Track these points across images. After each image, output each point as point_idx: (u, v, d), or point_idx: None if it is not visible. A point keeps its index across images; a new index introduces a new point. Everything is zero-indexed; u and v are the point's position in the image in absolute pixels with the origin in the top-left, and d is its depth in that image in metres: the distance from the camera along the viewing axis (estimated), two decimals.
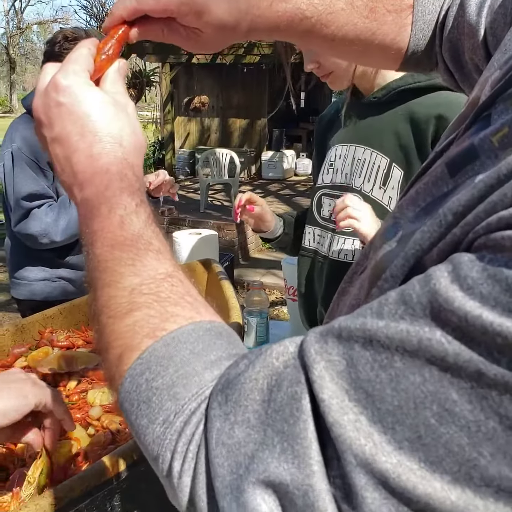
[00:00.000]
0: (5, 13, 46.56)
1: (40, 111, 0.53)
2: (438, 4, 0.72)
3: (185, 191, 9.86)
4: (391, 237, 0.45)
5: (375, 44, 0.70)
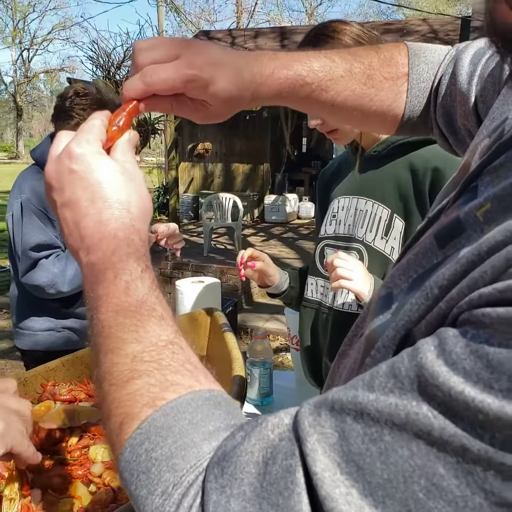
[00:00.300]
0: (13, 63, 47.76)
1: (53, 177, 0.55)
2: (432, 73, 0.75)
3: (189, 234, 9.92)
4: (383, 307, 0.46)
5: (373, 110, 0.74)
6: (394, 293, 0.46)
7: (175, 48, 0.60)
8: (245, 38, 12.36)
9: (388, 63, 0.74)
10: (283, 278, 1.63)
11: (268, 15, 35.84)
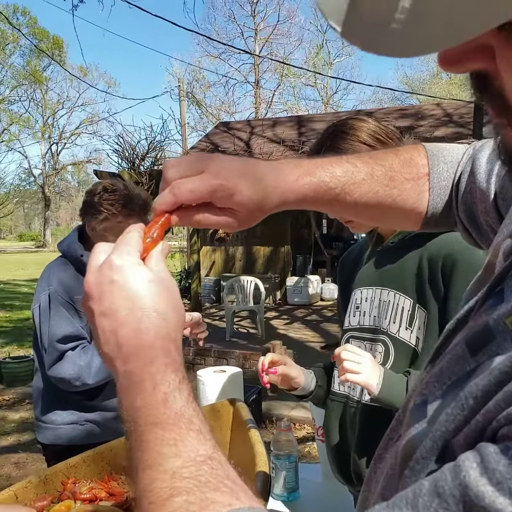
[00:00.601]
0: (42, 156, 50.06)
1: (92, 286, 0.56)
2: (452, 171, 0.78)
3: (211, 318, 9.92)
4: (419, 415, 0.46)
5: (396, 209, 0.77)
6: (429, 400, 0.46)
7: (201, 163, 0.64)
8: (263, 128, 12.85)
9: (408, 164, 0.78)
10: (308, 378, 1.60)
11: (285, 104, 37.46)
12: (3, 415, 5.77)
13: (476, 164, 0.76)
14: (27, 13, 40.82)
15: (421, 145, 0.81)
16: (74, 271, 2.11)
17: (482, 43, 0.36)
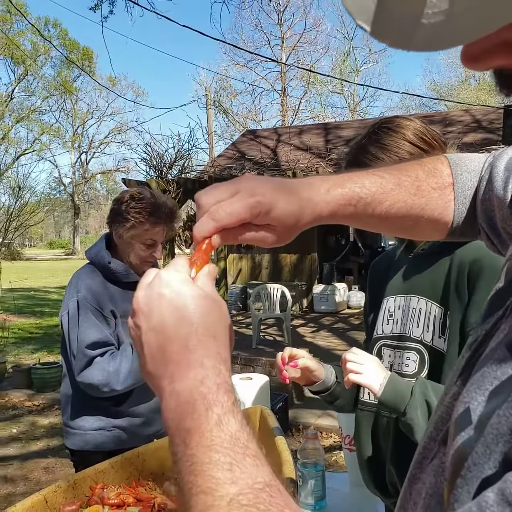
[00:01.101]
0: (72, 165, 50.91)
1: (141, 302, 0.55)
2: (475, 180, 0.79)
3: (238, 326, 9.93)
4: (466, 423, 0.44)
5: (425, 219, 0.77)
6: (471, 407, 0.45)
7: (234, 184, 0.65)
8: (289, 135, 12.87)
9: (433, 174, 0.78)
10: (328, 372, 1.57)
11: (312, 112, 37.45)
12: (33, 420, 5.85)
13: (494, 172, 0.77)
14: (58, 25, 41.69)
15: (443, 155, 0.82)
16: (102, 278, 2.12)
17: (505, 39, 0.37)
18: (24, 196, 12.94)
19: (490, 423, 0.39)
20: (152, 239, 2.09)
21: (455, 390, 0.53)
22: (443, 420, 0.54)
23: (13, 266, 19.37)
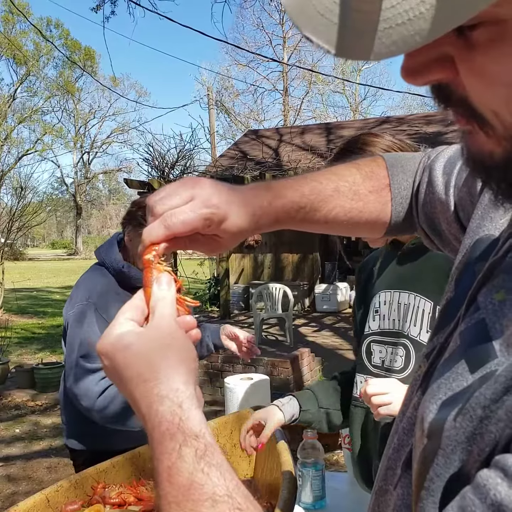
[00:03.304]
0: (74, 165, 50.96)
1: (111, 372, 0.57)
2: (411, 180, 0.83)
3: (240, 326, 9.93)
4: (421, 433, 0.46)
5: (363, 221, 0.81)
6: (424, 416, 0.46)
7: (189, 190, 0.64)
8: (291, 135, 12.88)
9: (370, 177, 0.82)
10: (287, 413, 1.54)
11: (314, 112, 37.42)
12: (36, 420, 5.87)
13: (433, 175, 0.80)
14: (60, 25, 41.75)
15: (380, 156, 0.85)
16: (115, 283, 2.08)
17: (442, 53, 0.38)
18: (27, 196, 12.94)
19: (446, 435, 0.41)
20: None
21: (416, 401, 0.54)
22: (405, 431, 0.55)
23: (16, 266, 19.41)
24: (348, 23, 0.33)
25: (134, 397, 0.53)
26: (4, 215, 11.93)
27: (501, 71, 0.36)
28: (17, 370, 7.13)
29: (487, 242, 0.57)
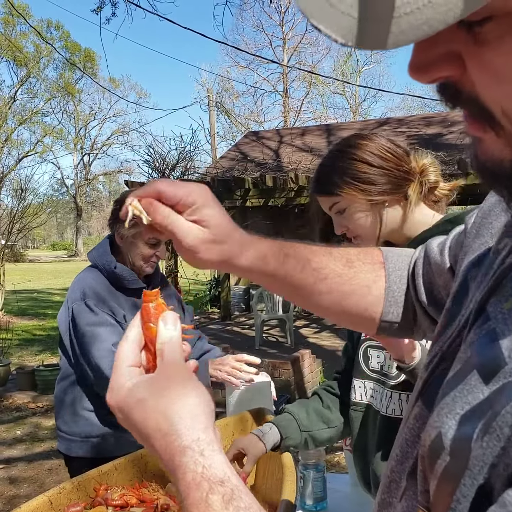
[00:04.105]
0: (75, 167, 50.99)
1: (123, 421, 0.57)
2: (406, 262, 0.83)
3: (240, 327, 9.95)
4: (440, 449, 0.44)
5: (351, 290, 0.78)
6: (443, 431, 0.45)
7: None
8: (291, 137, 12.89)
9: (364, 252, 0.82)
10: (269, 439, 1.51)
11: (314, 113, 37.44)
12: (37, 422, 5.88)
13: (428, 248, 0.80)
14: (60, 27, 41.79)
15: (374, 247, 0.86)
16: (108, 284, 2.09)
17: (450, 49, 0.37)
18: (27, 198, 12.95)
19: (474, 455, 0.40)
20: (155, 239, 2.03)
21: (418, 411, 0.54)
22: (408, 442, 0.55)
23: (16, 268, 19.42)
24: (362, 13, 0.33)
25: (156, 451, 0.53)
26: (4, 217, 11.94)
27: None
28: (18, 372, 7.13)
29: (479, 250, 0.58)
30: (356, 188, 1.32)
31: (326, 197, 1.40)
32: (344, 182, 1.33)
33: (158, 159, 10.06)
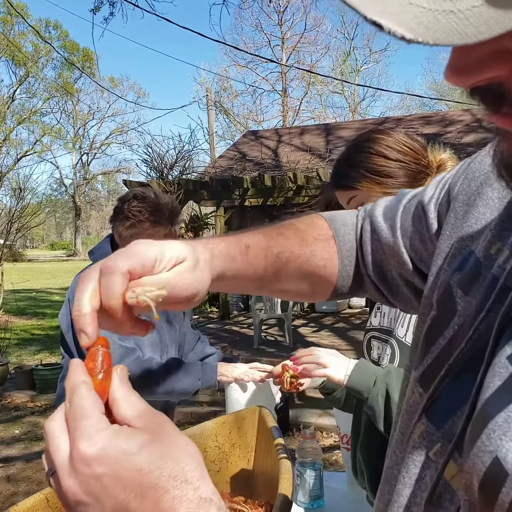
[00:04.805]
0: (73, 166, 50.97)
1: (79, 492, 0.44)
2: (353, 233, 0.80)
3: (239, 326, 9.95)
4: (503, 475, 0.40)
5: (311, 270, 0.76)
6: (500, 456, 0.41)
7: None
8: (290, 136, 12.89)
9: (314, 226, 0.79)
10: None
11: (312, 112, 37.45)
12: (36, 421, 5.88)
13: (375, 222, 0.78)
14: (59, 26, 41.76)
15: (316, 213, 0.83)
16: None
17: (501, 47, 0.33)
18: (26, 197, 12.95)
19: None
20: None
21: (423, 429, 0.52)
22: (416, 463, 0.52)
23: (15, 268, 19.39)
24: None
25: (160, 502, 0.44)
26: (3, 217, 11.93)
27: None
28: (16, 371, 7.13)
29: (461, 255, 0.57)
30: (373, 181, 1.36)
31: (344, 191, 1.43)
32: (361, 176, 1.36)
33: (156, 159, 10.08)
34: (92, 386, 0.48)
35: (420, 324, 0.60)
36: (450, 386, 0.51)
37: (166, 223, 2.05)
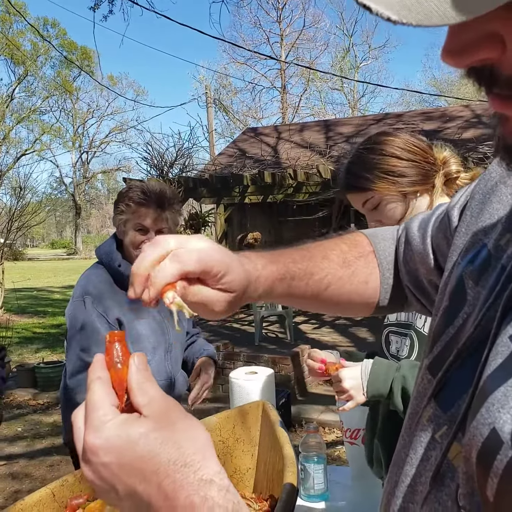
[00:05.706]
0: (73, 165, 50.93)
1: (95, 479, 0.48)
2: (393, 247, 0.86)
3: (240, 323, 9.95)
4: (498, 444, 0.41)
5: (353, 287, 0.82)
6: (497, 427, 0.42)
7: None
8: (290, 133, 12.88)
9: (355, 245, 0.85)
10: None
11: (312, 109, 37.40)
12: (38, 419, 5.89)
13: (409, 233, 0.83)
14: (57, 24, 41.70)
15: (357, 230, 0.89)
16: (112, 281, 2.08)
17: (490, 30, 0.35)
18: (26, 196, 12.95)
19: None
20: (141, 224, 2.03)
21: (432, 413, 0.53)
22: (423, 444, 0.54)
23: (16, 266, 19.41)
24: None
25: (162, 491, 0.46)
26: (3, 215, 11.95)
27: None
28: (18, 369, 7.14)
29: (474, 249, 0.58)
30: (389, 182, 1.41)
31: (359, 193, 1.47)
32: (376, 177, 1.41)
33: (156, 157, 10.07)
34: (108, 379, 0.51)
35: (434, 316, 0.62)
36: (457, 371, 0.52)
37: (154, 206, 2.03)
